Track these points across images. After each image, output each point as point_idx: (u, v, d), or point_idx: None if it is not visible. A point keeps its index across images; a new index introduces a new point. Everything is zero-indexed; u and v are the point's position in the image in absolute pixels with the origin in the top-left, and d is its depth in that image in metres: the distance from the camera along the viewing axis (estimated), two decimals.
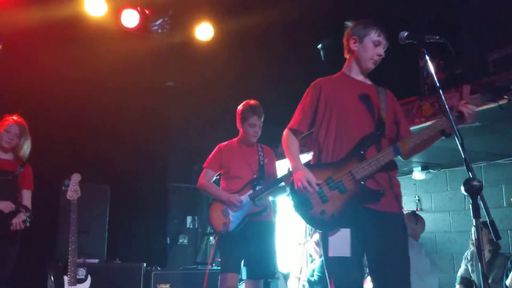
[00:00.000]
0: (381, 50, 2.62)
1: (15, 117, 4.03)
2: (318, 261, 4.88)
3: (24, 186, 4.05)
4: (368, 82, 2.72)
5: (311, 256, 6.03)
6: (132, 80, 5.45)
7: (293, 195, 2.53)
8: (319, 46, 5.61)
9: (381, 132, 2.53)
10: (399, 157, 2.51)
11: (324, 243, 2.51)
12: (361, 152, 2.47)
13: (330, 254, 2.45)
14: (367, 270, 2.57)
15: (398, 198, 2.52)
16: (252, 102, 3.89)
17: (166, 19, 5.25)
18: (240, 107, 3.90)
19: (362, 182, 2.43)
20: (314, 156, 2.67)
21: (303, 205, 2.49)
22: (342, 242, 2.42)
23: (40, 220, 4.07)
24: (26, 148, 4.06)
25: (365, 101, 2.59)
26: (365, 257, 2.50)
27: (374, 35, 2.60)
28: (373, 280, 2.47)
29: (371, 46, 2.61)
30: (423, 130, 2.45)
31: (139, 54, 5.31)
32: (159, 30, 5.28)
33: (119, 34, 5.24)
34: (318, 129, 2.65)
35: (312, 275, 4.92)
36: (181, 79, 5.75)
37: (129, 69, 5.38)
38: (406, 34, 2.31)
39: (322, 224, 2.47)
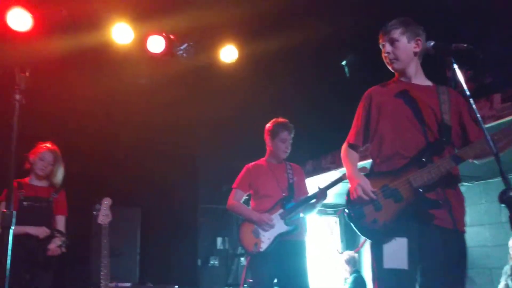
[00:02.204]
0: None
1: (48, 145, 4.10)
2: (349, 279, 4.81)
3: (58, 212, 4.11)
4: (427, 83, 2.56)
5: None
6: (159, 103, 5.53)
7: (347, 203, 2.46)
8: (344, 62, 5.61)
9: (446, 138, 2.37)
10: (475, 161, 2.34)
11: (376, 254, 2.37)
12: (423, 159, 2.34)
13: (385, 266, 2.30)
14: None
15: (457, 212, 2.33)
16: (281, 119, 3.91)
17: (191, 43, 5.33)
18: (269, 124, 3.91)
19: (421, 190, 2.30)
20: (371, 165, 2.59)
21: (356, 214, 2.41)
22: (398, 253, 2.28)
23: (72, 245, 4.12)
24: (60, 174, 4.13)
25: (423, 104, 2.44)
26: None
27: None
28: None
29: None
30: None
31: (165, 78, 5.39)
32: (184, 54, 5.36)
33: (145, 60, 5.34)
34: (373, 138, 2.56)
35: None
36: (207, 100, 5.80)
37: (155, 92, 5.47)
38: (432, 43, 2.25)
39: (373, 233, 2.38)
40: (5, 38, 4.57)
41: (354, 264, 6.47)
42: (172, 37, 5.21)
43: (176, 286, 4.77)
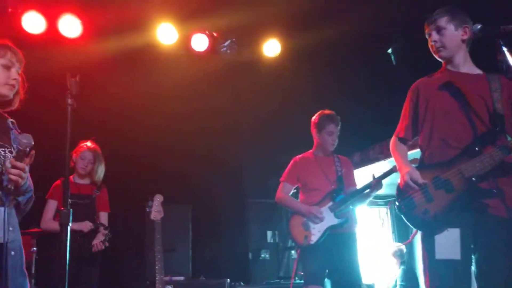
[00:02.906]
0: None
1: (88, 144, 4.21)
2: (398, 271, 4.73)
3: (101, 209, 4.24)
4: (476, 71, 2.50)
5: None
6: (203, 100, 5.61)
7: (398, 195, 2.46)
8: (390, 50, 5.50)
9: (499, 127, 2.31)
10: None
11: (427, 245, 2.36)
12: (476, 149, 2.30)
13: (437, 257, 2.29)
14: None
15: (510, 201, 2.26)
16: (327, 111, 3.89)
17: (233, 39, 5.38)
18: (315, 117, 3.90)
19: (474, 179, 2.26)
20: (420, 157, 2.57)
21: (407, 205, 2.41)
22: (451, 244, 2.26)
23: (127, 241, 4.28)
24: (100, 172, 4.24)
25: (471, 94, 2.39)
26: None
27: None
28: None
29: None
30: None
31: (209, 75, 5.47)
32: (228, 51, 5.42)
33: (189, 59, 5.43)
34: (422, 130, 2.53)
35: (395, 286, 4.77)
36: (251, 95, 5.84)
37: (201, 91, 5.55)
38: (479, 26, 2.19)
39: (424, 224, 2.37)
40: (56, 44, 4.77)
41: (402, 256, 6.35)
42: (215, 34, 5.28)
43: (228, 280, 4.84)
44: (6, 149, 2.15)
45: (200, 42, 5.25)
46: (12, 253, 2.11)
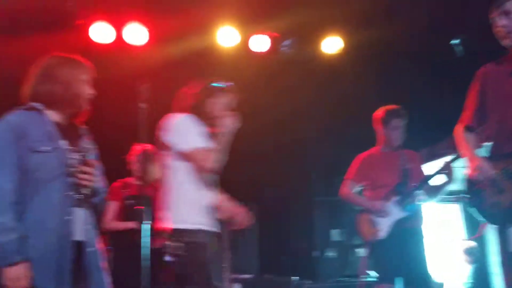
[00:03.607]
0: None
1: (140, 146, 4.36)
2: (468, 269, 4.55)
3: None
4: None
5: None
6: (266, 100, 5.65)
7: (468, 189, 2.40)
8: (454, 42, 5.30)
9: None
10: None
11: (500, 238, 2.30)
12: None
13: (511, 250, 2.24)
14: None
15: None
16: (392, 106, 3.83)
17: (294, 38, 5.38)
18: (380, 112, 3.85)
19: None
20: (489, 148, 2.48)
21: (477, 197, 2.35)
22: None
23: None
24: (154, 172, 4.35)
25: None
26: None
27: None
28: None
29: None
30: None
31: (271, 75, 5.51)
32: (289, 50, 5.43)
33: (249, 60, 5.48)
34: (489, 119, 2.45)
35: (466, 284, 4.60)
36: (314, 93, 5.82)
37: (262, 90, 5.59)
38: None
39: (496, 216, 2.31)
40: (124, 52, 4.97)
41: (473, 253, 6.09)
42: (275, 34, 5.31)
43: (296, 278, 4.86)
44: (81, 153, 2.30)
45: (260, 43, 5.30)
46: (90, 250, 2.26)
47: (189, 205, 2.65)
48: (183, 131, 2.67)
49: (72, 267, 2.13)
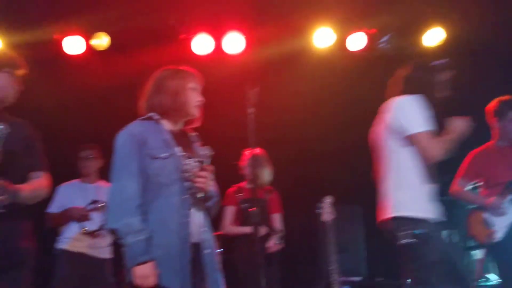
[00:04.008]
0: None
1: (249, 151, 4.45)
2: None
3: (274, 211, 4.42)
4: None
5: None
6: (367, 99, 5.53)
7: None
8: None
9: None
10: None
11: None
12: None
13: None
14: None
15: None
16: (507, 97, 3.58)
17: (392, 33, 5.23)
18: (493, 105, 3.61)
19: None
20: None
21: None
22: None
23: (300, 242, 4.43)
24: (266, 176, 4.39)
25: None
26: None
27: None
28: None
29: None
30: None
31: (371, 73, 5.39)
32: (387, 46, 5.28)
33: (345, 59, 5.41)
34: None
35: None
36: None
37: (360, 89, 5.49)
38: None
39: None
40: (223, 61, 5.15)
41: None
42: (372, 31, 5.20)
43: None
44: (194, 159, 2.41)
45: (357, 41, 5.22)
46: (206, 251, 2.34)
47: (414, 191, 2.60)
48: (410, 112, 2.63)
49: (191, 268, 2.22)
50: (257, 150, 4.42)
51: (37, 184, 2.58)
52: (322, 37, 5.12)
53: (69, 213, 3.92)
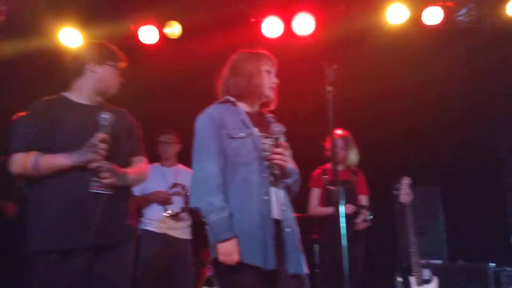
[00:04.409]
0: None
1: (338, 131, 4.39)
2: None
3: (360, 192, 4.39)
4: None
5: None
6: (445, 73, 5.31)
7: None
8: None
9: None
10: None
11: None
12: None
13: None
14: None
15: None
16: None
17: (471, 5, 4.95)
18: None
19: None
20: None
21: None
22: None
23: (378, 224, 4.35)
24: (353, 157, 4.38)
25: None
26: None
27: None
28: None
29: None
30: None
31: (448, 48, 5.16)
32: (466, 19, 5.00)
33: (422, 34, 5.20)
34: None
35: None
36: (497, 61, 5.27)
37: (438, 66, 5.27)
38: None
39: None
40: (294, 43, 5.11)
41: None
42: (449, 4, 4.95)
43: (493, 264, 4.48)
44: (271, 139, 2.43)
45: (433, 16, 4.98)
46: (287, 229, 2.35)
47: None
48: None
49: (274, 244, 2.25)
50: (342, 131, 4.39)
51: (140, 168, 2.75)
52: (395, 12, 4.94)
53: (153, 197, 4.08)
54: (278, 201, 2.36)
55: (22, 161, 2.48)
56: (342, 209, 2.27)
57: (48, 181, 2.47)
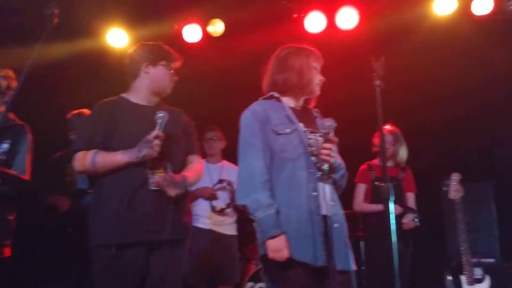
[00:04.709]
0: None
1: (387, 127, 4.32)
2: None
3: (408, 190, 4.29)
4: None
5: None
6: (491, 68, 5.11)
7: None
8: None
9: None
10: None
11: None
12: None
13: None
14: None
15: None
16: None
17: None
18: None
19: None
20: None
21: None
22: None
23: (427, 221, 4.24)
24: (403, 154, 4.29)
25: None
26: None
27: None
28: None
29: None
30: None
31: (497, 40, 4.97)
32: None
33: (471, 26, 5.02)
34: None
35: None
36: None
37: (485, 58, 5.08)
38: None
39: None
40: (337, 37, 5.04)
41: None
42: None
43: None
44: (317, 134, 2.41)
45: (482, 5, 4.80)
46: (336, 225, 2.32)
47: None
48: None
49: (322, 240, 2.23)
50: (392, 127, 4.31)
51: (196, 169, 2.81)
52: (443, 3, 4.80)
53: (199, 193, 4.13)
54: (326, 196, 2.33)
55: (81, 159, 2.59)
56: (392, 206, 2.20)
57: (107, 178, 2.57)
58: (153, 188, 2.53)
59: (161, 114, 2.55)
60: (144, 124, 2.58)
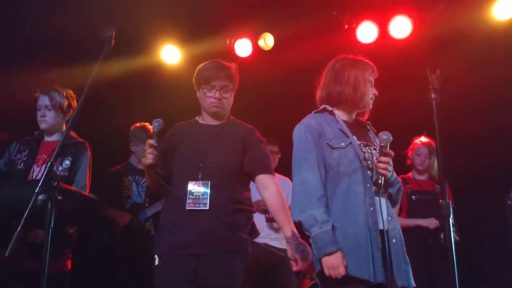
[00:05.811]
0: None
1: (423, 139, 4.31)
2: None
3: None
4: None
5: None
6: None
7: None
8: None
9: None
10: None
11: None
12: None
13: None
14: None
15: None
16: None
17: None
18: None
19: None
20: None
21: None
22: None
23: (467, 233, 4.08)
24: (437, 166, 4.15)
25: None
26: None
27: None
28: None
29: None
30: None
31: None
32: None
33: None
34: None
35: None
36: None
37: None
38: None
39: None
40: (389, 48, 4.92)
41: None
42: None
43: None
44: (371, 147, 2.36)
45: None
46: (394, 240, 2.26)
47: None
48: None
49: (381, 257, 2.17)
50: (427, 138, 4.24)
51: (281, 201, 2.77)
52: (503, 8, 4.60)
53: (254, 206, 4.12)
54: (383, 211, 2.27)
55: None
56: (450, 222, 2.12)
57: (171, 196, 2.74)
58: (190, 208, 2.62)
59: (156, 124, 2.62)
60: (200, 142, 2.72)
